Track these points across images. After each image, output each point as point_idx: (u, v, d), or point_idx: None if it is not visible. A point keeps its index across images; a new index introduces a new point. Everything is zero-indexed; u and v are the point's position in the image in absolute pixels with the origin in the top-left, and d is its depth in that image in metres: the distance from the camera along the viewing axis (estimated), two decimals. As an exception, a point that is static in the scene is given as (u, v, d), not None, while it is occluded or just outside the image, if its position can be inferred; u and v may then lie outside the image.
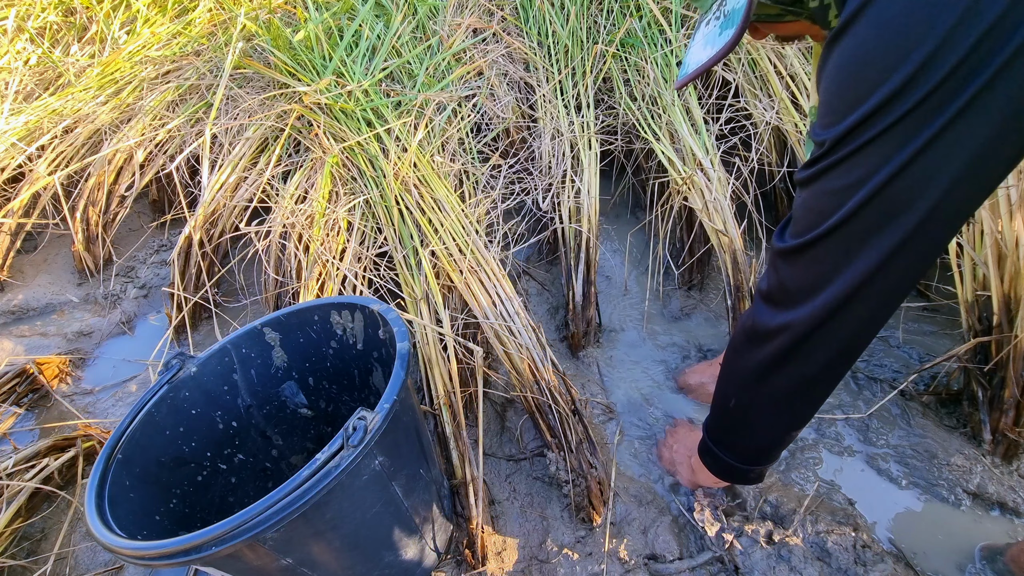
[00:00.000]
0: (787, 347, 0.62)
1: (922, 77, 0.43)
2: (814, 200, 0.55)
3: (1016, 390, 0.96)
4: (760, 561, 0.85)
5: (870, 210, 0.50)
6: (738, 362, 0.71)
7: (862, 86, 0.47)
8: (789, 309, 0.60)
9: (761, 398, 0.69)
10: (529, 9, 1.83)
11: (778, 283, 0.62)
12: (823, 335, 0.59)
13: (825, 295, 0.56)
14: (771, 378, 0.66)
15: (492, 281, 1.14)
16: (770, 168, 1.49)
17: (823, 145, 0.52)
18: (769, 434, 0.73)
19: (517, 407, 1.16)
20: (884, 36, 0.44)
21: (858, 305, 0.56)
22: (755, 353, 0.66)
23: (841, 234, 0.53)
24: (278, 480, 0.94)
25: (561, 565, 0.90)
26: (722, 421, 0.79)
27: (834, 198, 0.52)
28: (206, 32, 1.96)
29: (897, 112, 0.45)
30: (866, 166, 0.49)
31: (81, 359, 1.42)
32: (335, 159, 1.42)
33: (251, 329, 0.87)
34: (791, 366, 0.64)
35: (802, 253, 0.57)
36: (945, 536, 0.90)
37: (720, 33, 0.58)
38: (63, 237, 1.76)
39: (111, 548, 0.57)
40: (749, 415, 0.73)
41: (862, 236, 0.52)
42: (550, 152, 1.51)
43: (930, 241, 0.51)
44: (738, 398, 0.73)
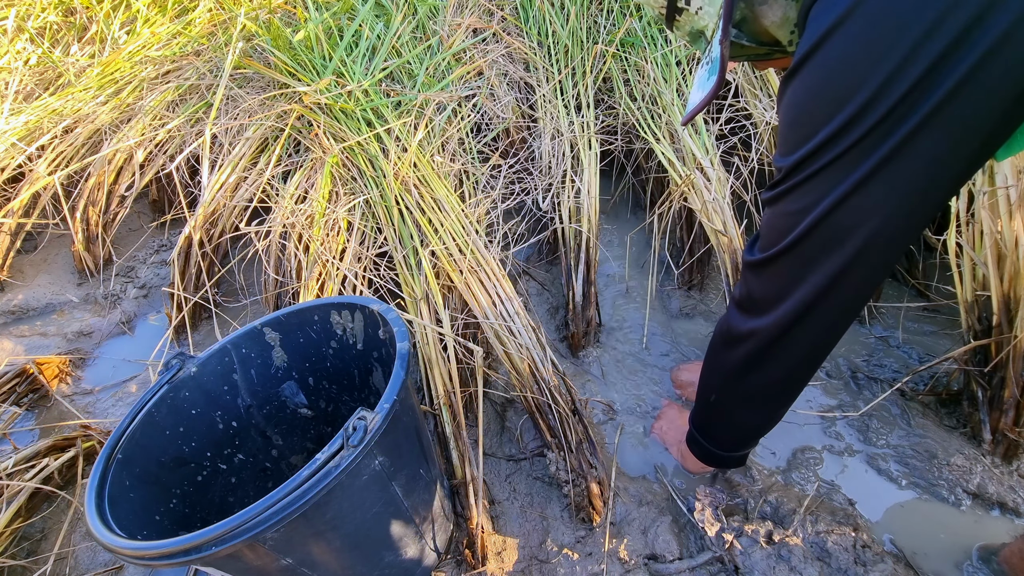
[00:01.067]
0: (757, 350, 0.69)
1: (860, 119, 0.48)
2: (774, 220, 0.61)
3: (1016, 390, 0.96)
4: (760, 561, 0.86)
5: (818, 234, 0.56)
6: (716, 362, 0.78)
7: (810, 123, 0.52)
8: (757, 316, 0.67)
9: (737, 395, 0.76)
10: (529, 9, 1.83)
11: (747, 292, 0.69)
12: (787, 341, 0.66)
13: (785, 306, 0.63)
14: (745, 377, 0.73)
15: (492, 281, 1.14)
16: (770, 168, 1.48)
17: (781, 171, 0.58)
18: (746, 426, 0.81)
19: (517, 407, 1.16)
20: (829, 79, 0.50)
21: (816, 316, 0.62)
22: (730, 355, 0.73)
23: (795, 253, 0.59)
24: (278, 480, 0.94)
25: (561, 565, 0.90)
26: (704, 413, 0.86)
27: (789, 219, 0.58)
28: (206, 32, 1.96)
29: (839, 148, 0.51)
30: (814, 194, 0.55)
31: (81, 359, 1.42)
32: (335, 159, 1.42)
33: (251, 329, 0.87)
34: (762, 367, 0.70)
35: (765, 267, 0.64)
36: (945, 536, 0.90)
37: (708, 78, 0.64)
38: (63, 237, 1.76)
39: (111, 548, 0.57)
40: (728, 409, 0.80)
41: (813, 256, 0.58)
42: (550, 152, 1.51)
43: (873, 263, 0.57)
44: (718, 394, 0.80)
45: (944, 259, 1.06)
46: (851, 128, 0.49)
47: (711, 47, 0.64)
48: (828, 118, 0.50)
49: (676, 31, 0.70)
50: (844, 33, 0.48)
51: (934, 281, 1.32)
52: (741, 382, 0.74)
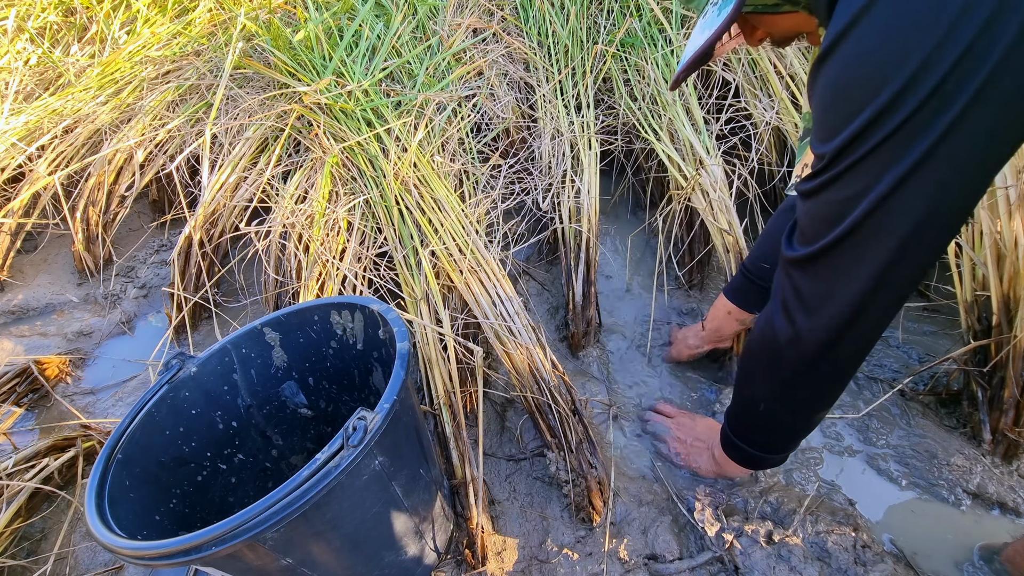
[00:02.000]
0: (811, 355, 0.64)
1: (911, 90, 0.45)
2: (820, 210, 0.57)
3: (1016, 390, 0.96)
4: (760, 561, 0.86)
5: (873, 220, 0.52)
6: (762, 372, 0.72)
7: (854, 101, 0.49)
8: (806, 317, 0.62)
9: (789, 403, 0.72)
10: (529, 9, 1.83)
11: (793, 291, 0.63)
12: (843, 340, 0.61)
13: (839, 302, 0.59)
14: (798, 384, 0.68)
15: (492, 281, 1.14)
16: (770, 168, 1.49)
17: (823, 158, 0.54)
18: (794, 428, 0.77)
19: (517, 407, 1.16)
20: (873, 51, 0.47)
21: (871, 309, 0.58)
22: (779, 362, 0.68)
23: (849, 243, 0.55)
24: (278, 480, 0.94)
25: (561, 565, 0.90)
26: (746, 420, 0.82)
27: (838, 207, 0.54)
28: (206, 32, 1.96)
29: (890, 125, 0.47)
30: (866, 177, 0.51)
31: (81, 359, 1.42)
32: (335, 159, 1.42)
33: (251, 329, 0.87)
34: (817, 371, 0.66)
35: (815, 261, 0.59)
36: (945, 536, 0.90)
37: (718, 14, 0.59)
38: (63, 237, 1.76)
39: (111, 548, 0.57)
40: (777, 416, 0.76)
41: (870, 243, 0.54)
42: (550, 152, 1.51)
43: (933, 242, 0.53)
44: (767, 404, 0.75)
45: (944, 259, 1.07)
46: (902, 102, 0.46)
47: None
48: (874, 93, 0.47)
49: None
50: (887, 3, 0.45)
51: (933, 281, 1.33)
52: (793, 389, 0.69)
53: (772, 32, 0.68)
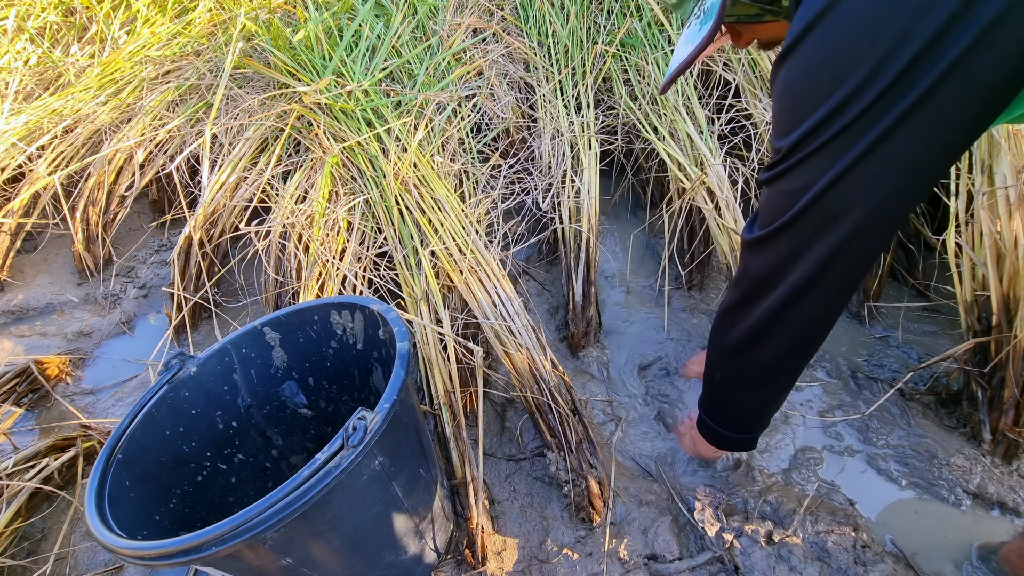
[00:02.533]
0: (757, 328, 0.69)
1: (856, 98, 0.49)
2: (772, 199, 0.62)
3: (1015, 390, 0.96)
4: (760, 561, 0.86)
5: (815, 211, 0.57)
6: (718, 340, 0.78)
7: (806, 103, 0.53)
8: (754, 294, 0.68)
9: (740, 372, 0.77)
10: (529, 9, 1.83)
11: (744, 270, 0.69)
12: (786, 318, 0.66)
13: (783, 284, 0.64)
14: (746, 354, 0.73)
15: (492, 281, 1.14)
16: (770, 168, 1.48)
17: (779, 152, 0.58)
18: (752, 404, 0.81)
19: (517, 407, 1.16)
20: (825, 58, 0.51)
21: (812, 293, 0.63)
22: (730, 332, 0.74)
23: (794, 230, 0.60)
24: (278, 480, 0.94)
25: (561, 565, 0.90)
26: (711, 394, 0.86)
27: (787, 198, 0.59)
28: (206, 32, 1.96)
29: (836, 127, 0.51)
30: (812, 172, 0.55)
31: (81, 359, 1.42)
32: (335, 159, 1.42)
33: (251, 329, 0.87)
34: (762, 345, 0.71)
35: (763, 244, 0.64)
36: (945, 536, 0.90)
37: (700, 28, 0.63)
38: (63, 237, 1.76)
39: (111, 548, 0.57)
40: (733, 387, 0.80)
41: (811, 233, 0.59)
42: (550, 152, 1.51)
43: (869, 240, 0.58)
44: (721, 372, 0.80)
45: (944, 259, 1.07)
46: (848, 107, 0.50)
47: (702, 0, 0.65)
48: (825, 97, 0.51)
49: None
50: (840, 12, 0.48)
51: (933, 281, 1.32)
52: (740, 359, 0.75)
53: (758, 37, 0.72)
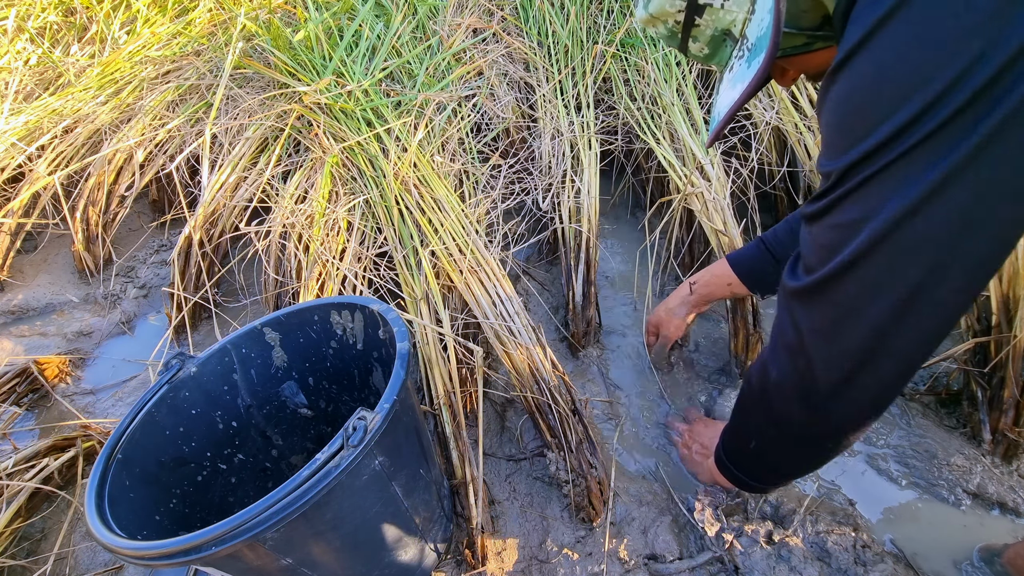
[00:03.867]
0: (812, 403, 0.57)
1: (937, 107, 0.41)
2: (822, 235, 0.51)
3: (1015, 390, 0.96)
4: (760, 561, 0.86)
5: (883, 249, 0.46)
6: (756, 412, 0.68)
7: (869, 116, 0.45)
8: (807, 358, 0.55)
9: (784, 446, 0.67)
10: (529, 9, 1.83)
11: (793, 327, 0.56)
12: (850, 388, 0.54)
13: (845, 343, 0.51)
14: (794, 431, 0.62)
15: (492, 281, 1.14)
16: (770, 168, 1.49)
17: (829, 176, 0.49)
18: (790, 471, 0.73)
19: (517, 407, 1.16)
20: (893, 65, 0.43)
21: (884, 354, 0.51)
22: (775, 405, 0.62)
23: (855, 275, 0.49)
24: (278, 480, 0.94)
25: (561, 565, 0.90)
26: (737, 446, 0.78)
27: (842, 232, 0.48)
28: (206, 32, 1.96)
29: (908, 142, 0.42)
30: (874, 199, 0.45)
31: (81, 359, 1.42)
32: (335, 159, 1.42)
33: (251, 329, 0.87)
34: (818, 422, 0.59)
35: (816, 294, 0.52)
36: (945, 536, 0.90)
37: (748, 65, 0.55)
38: (63, 237, 1.76)
39: (111, 548, 0.57)
40: (770, 457, 0.71)
41: (878, 278, 0.47)
42: (550, 152, 1.51)
43: (958, 284, 0.46)
44: (758, 442, 0.71)
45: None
46: (926, 118, 0.41)
47: (744, 39, 0.57)
48: (892, 109, 0.43)
49: (693, 43, 0.61)
50: (910, 13, 0.41)
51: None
52: (791, 436, 0.63)
53: (806, 70, 0.64)
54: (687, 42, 0.62)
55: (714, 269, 1.06)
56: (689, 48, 0.63)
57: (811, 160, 1.37)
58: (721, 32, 0.59)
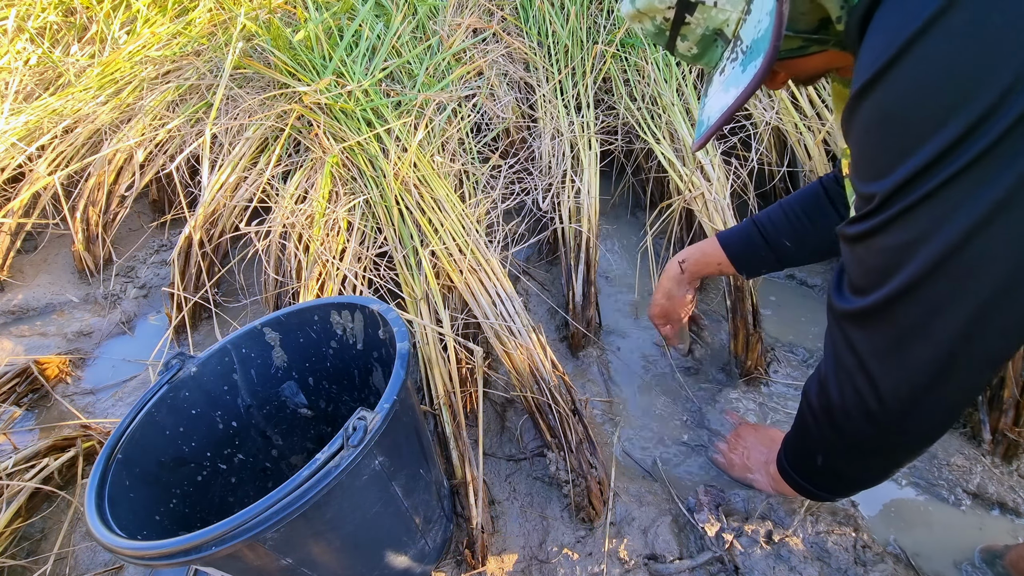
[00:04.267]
0: (878, 424, 0.56)
1: (988, 122, 0.39)
2: (871, 258, 0.50)
3: (1015, 390, 0.96)
4: (760, 561, 0.85)
5: (944, 272, 0.45)
6: (819, 428, 0.65)
7: (912, 134, 0.43)
8: (870, 380, 0.54)
9: (850, 460, 0.66)
10: (529, 9, 1.83)
11: (850, 351, 0.55)
12: (916, 409, 0.53)
13: (913, 364, 0.50)
14: (862, 448, 0.61)
15: (492, 281, 1.14)
16: (770, 168, 1.49)
17: (872, 199, 0.47)
18: (860, 481, 0.71)
19: (517, 407, 1.16)
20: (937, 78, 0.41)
21: (953, 375, 0.50)
22: (840, 424, 0.61)
23: (915, 298, 0.47)
24: (278, 480, 0.94)
25: (561, 565, 0.90)
26: (806, 462, 0.75)
27: (894, 255, 0.47)
28: (206, 32, 1.96)
29: (962, 160, 0.41)
30: (928, 221, 0.44)
31: (81, 359, 1.42)
32: (335, 159, 1.42)
33: (251, 329, 0.87)
34: (884, 441, 0.58)
35: (873, 317, 0.51)
36: (945, 536, 0.90)
37: (744, 69, 0.53)
38: (63, 237, 1.76)
39: (111, 548, 0.57)
40: (837, 469, 0.70)
41: (939, 300, 0.46)
42: (550, 152, 1.51)
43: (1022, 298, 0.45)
44: (824, 457, 0.69)
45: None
46: (979, 133, 0.39)
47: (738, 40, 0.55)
48: (940, 125, 0.41)
49: (681, 42, 0.60)
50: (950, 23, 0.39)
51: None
52: (855, 456, 0.63)
53: (797, 75, 0.63)
54: (675, 41, 0.60)
55: (704, 247, 1.03)
56: (677, 47, 0.61)
57: (811, 160, 1.37)
58: (712, 32, 0.58)
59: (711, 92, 0.61)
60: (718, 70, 0.60)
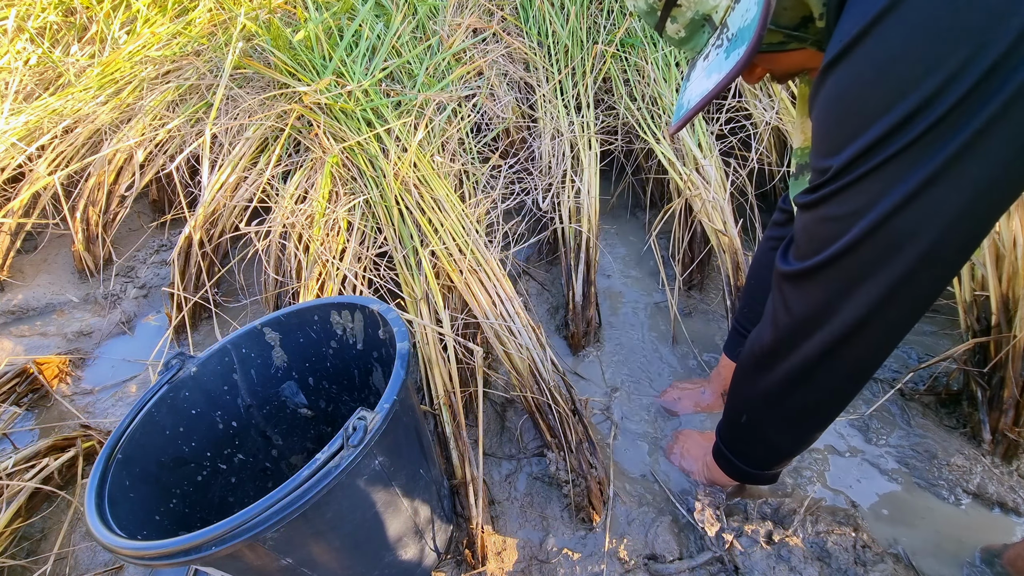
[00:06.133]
0: (795, 373, 0.62)
1: (928, 108, 0.43)
2: (815, 226, 0.54)
3: (1015, 390, 0.96)
4: (760, 561, 0.85)
5: (872, 242, 0.50)
6: (747, 383, 0.71)
7: (863, 115, 0.46)
8: (795, 335, 0.60)
9: (771, 418, 0.71)
10: (529, 9, 1.83)
11: (784, 307, 0.61)
12: (832, 361, 0.59)
13: (832, 324, 0.56)
14: (780, 401, 0.67)
15: (492, 281, 1.14)
16: (770, 168, 1.49)
17: (825, 172, 0.51)
18: (780, 446, 0.75)
19: (517, 407, 1.16)
20: (888, 64, 0.44)
21: (866, 334, 0.55)
22: (763, 377, 0.67)
23: (844, 264, 0.52)
24: (278, 480, 0.94)
25: (561, 565, 0.90)
26: (734, 432, 0.81)
27: (834, 225, 0.52)
28: (206, 32, 1.96)
29: (900, 143, 0.45)
30: (866, 195, 0.48)
31: (81, 359, 1.42)
32: (335, 159, 1.42)
33: (251, 329, 0.87)
34: (799, 391, 0.64)
35: (806, 279, 0.57)
36: (945, 536, 0.90)
37: (727, 56, 0.55)
38: (63, 237, 1.76)
39: (111, 548, 0.57)
40: (760, 431, 0.74)
41: (865, 267, 0.51)
42: (550, 152, 1.51)
43: (936, 274, 0.51)
44: (748, 415, 0.74)
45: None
46: (916, 120, 0.43)
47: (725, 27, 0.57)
48: (886, 109, 0.44)
49: (671, 24, 0.62)
50: (903, 13, 0.42)
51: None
52: (777, 406, 0.68)
53: (772, 69, 0.65)
54: (665, 22, 0.62)
55: (721, 366, 1.11)
56: (666, 29, 0.63)
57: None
58: (701, 17, 0.60)
59: (693, 77, 0.63)
60: (702, 56, 0.62)
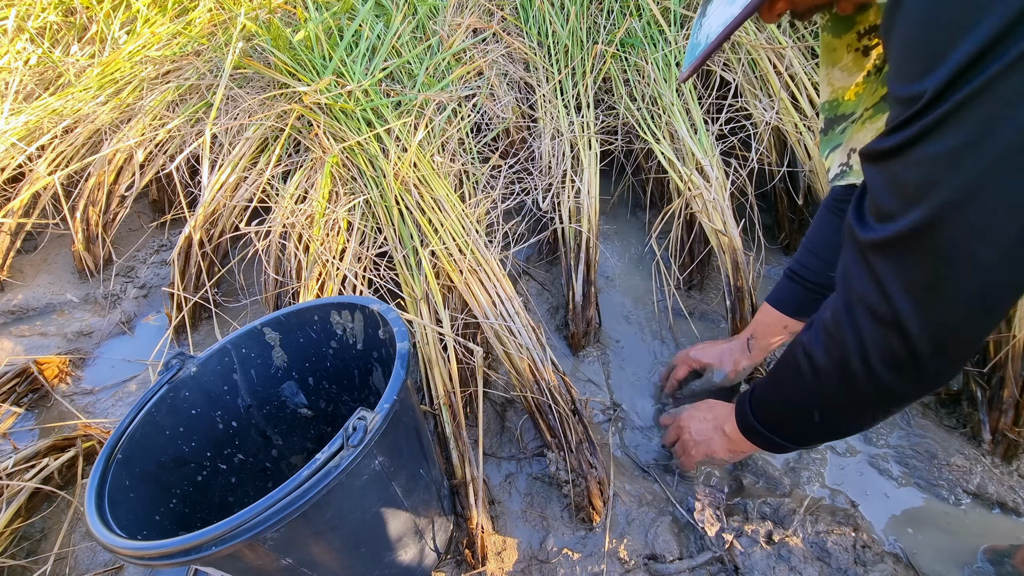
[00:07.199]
0: (902, 367, 0.48)
1: None
2: (907, 172, 0.41)
3: (1015, 390, 0.96)
4: (760, 561, 0.85)
5: (997, 184, 0.37)
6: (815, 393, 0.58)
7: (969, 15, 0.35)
8: (899, 319, 0.46)
9: (852, 412, 0.58)
10: (529, 9, 1.83)
11: (875, 286, 0.46)
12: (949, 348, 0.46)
13: (951, 301, 0.43)
14: (867, 398, 0.54)
15: (492, 281, 1.14)
16: (770, 168, 1.49)
17: (916, 100, 0.39)
18: (847, 432, 0.65)
19: (517, 407, 1.16)
20: None
21: (989, 308, 0.43)
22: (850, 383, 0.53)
23: (964, 214, 0.39)
24: (278, 480, 0.94)
25: (561, 565, 0.90)
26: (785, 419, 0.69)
27: (937, 167, 0.39)
28: (206, 32, 1.95)
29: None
30: (979, 123, 0.36)
31: (81, 359, 1.42)
32: (335, 159, 1.42)
33: (251, 329, 0.87)
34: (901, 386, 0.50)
35: (907, 243, 0.43)
36: (945, 536, 0.90)
37: None
38: (63, 237, 1.76)
39: (111, 548, 0.57)
40: (831, 424, 0.62)
41: (986, 219, 0.39)
42: (550, 152, 1.51)
43: None
44: (823, 415, 0.61)
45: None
46: None
47: None
48: None
49: None
50: None
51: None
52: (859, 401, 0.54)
53: (796, 5, 0.57)
54: None
55: (763, 319, 0.98)
56: None
57: (811, 160, 1.37)
58: None
59: (710, 10, 0.56)
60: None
